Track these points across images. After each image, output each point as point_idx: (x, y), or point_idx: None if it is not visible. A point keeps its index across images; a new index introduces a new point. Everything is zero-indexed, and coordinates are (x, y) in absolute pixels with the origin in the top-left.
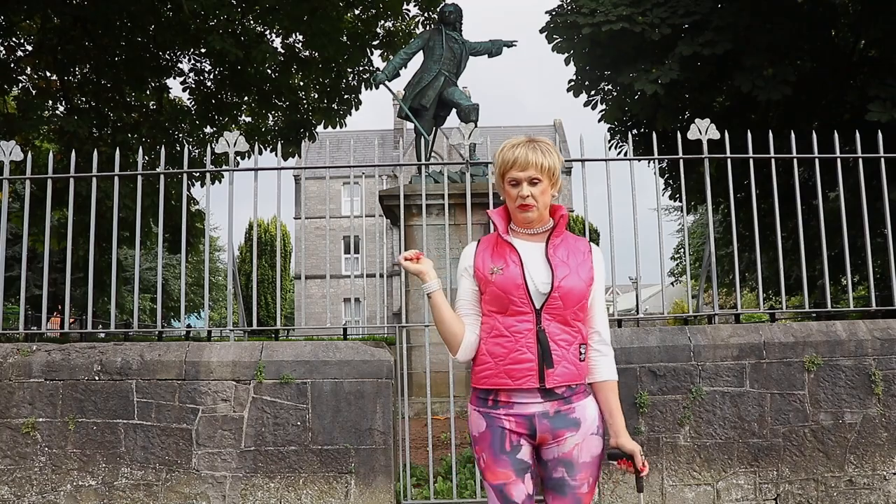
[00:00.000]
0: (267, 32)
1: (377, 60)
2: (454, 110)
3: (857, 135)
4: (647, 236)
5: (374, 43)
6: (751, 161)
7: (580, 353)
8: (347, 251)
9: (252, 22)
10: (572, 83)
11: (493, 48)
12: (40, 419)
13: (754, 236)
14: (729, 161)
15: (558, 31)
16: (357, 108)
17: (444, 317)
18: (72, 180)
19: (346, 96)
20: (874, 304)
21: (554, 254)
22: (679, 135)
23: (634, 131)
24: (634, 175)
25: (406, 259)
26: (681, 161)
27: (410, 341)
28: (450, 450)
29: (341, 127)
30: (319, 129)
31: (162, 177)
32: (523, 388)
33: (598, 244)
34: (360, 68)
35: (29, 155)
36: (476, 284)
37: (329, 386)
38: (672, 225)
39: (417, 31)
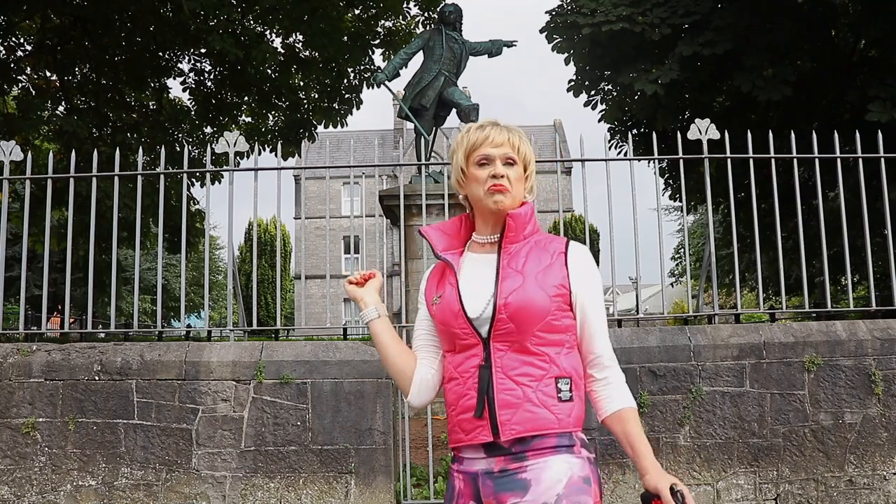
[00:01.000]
0: (267, 32)
1: (378, 59)
2: (454, 110)
3: (857, 135)
4: (647, 236)
5: (375, 42)
6: (751, 161)
7: (558, 391)
8: (347, 251)
9: (252, 22)
10: (572, 83)
11: (493, 48)
12: (40, 419)
13: (754, 236)
14: (729, 161)
15: (558, 31)
16: (358, 108)
17: (385, 351)
18: (72, 180)
19: (346, 96)
20: (874, 304)
21: (507, 264)
22: (679, 135)
23: (634, 131)
24: (634, 175)
25: (349, 283)
26: (681, 161)
27: (411, 341)
28: (449, 450)
29: (342, 126)
30: (320, 128)
31: (162, 177)
32: (474, 442)
33: (598, 244)
34: (361, 67)
35: (29, 155)
36: (431, 315)
37: (329, 386)
38: (672, 225)
39: (418, 31)
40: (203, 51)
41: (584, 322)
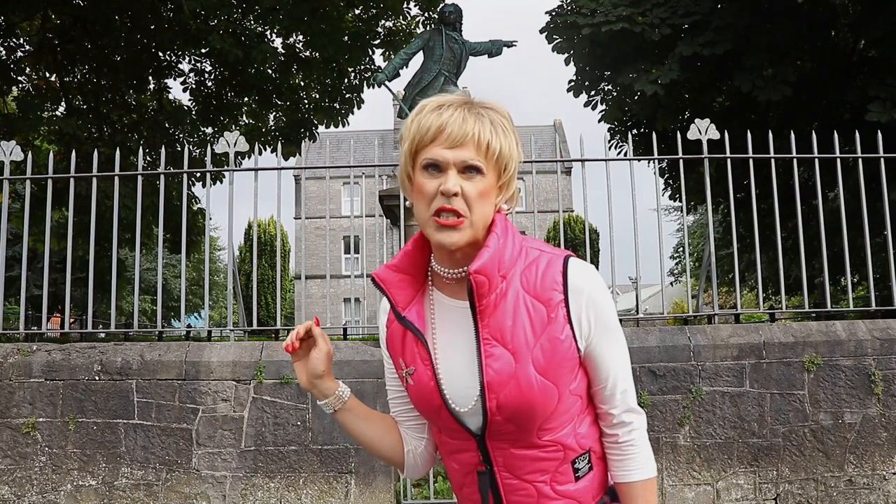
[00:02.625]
0: (267, 32)
1: (378, 59)
2: None
3: (857, 135)
4: (647, 236)
5: (375, 42)
6: (751, 161)
7: (575, 472)
8: (347, 251)
9: (252, 22)
10: (572, 83)
11: (493, 48)
12: (40, 419)
13: (754, 236)
14: (729, 161)
15: (558, 31)
16: (359, 107)
17: (365, 442)
18: (72, 180)
19: (347, 95)
20: (874, 304)
21: (489, 331)
22: (679, 135)
23: (634, 131)
24: (634, 175)
25: (290, 353)
26: (681, 161)
27: None
28: None
29: (343, 126)
30: (321, 128)
31: (162, 177)
32: None
33: (597, 244)
34: (362, 67)
35: (29, 155)
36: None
37: None
38: (672, 225)
39: (418, 31)
40: (203, 51)
41: (600, 376)
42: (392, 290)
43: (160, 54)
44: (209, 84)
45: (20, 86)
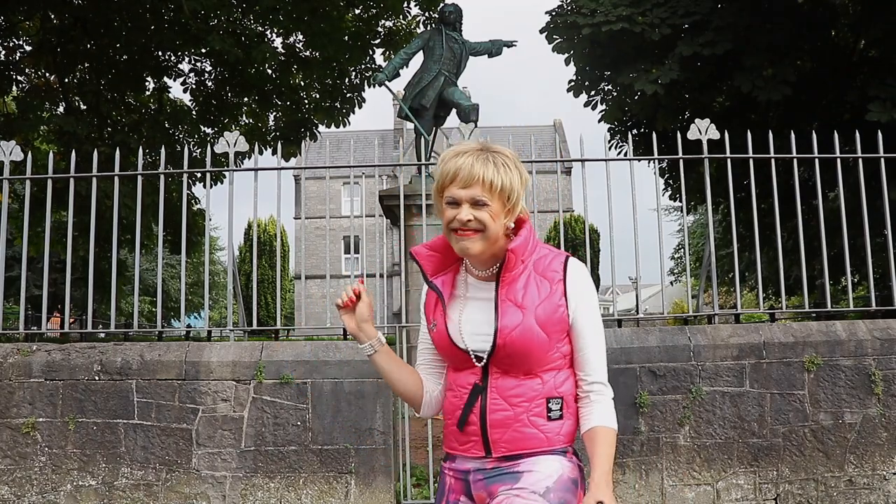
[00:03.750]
0: (267, 32)
1: (379, 59)
2: (454, 110)
3: (857, 135)
4: (647, 236)
5: (376, 42)
6: (751, 161)
7: (548, 410)
8: (347, 251)
9: (252, 22)
10: (572, 83)
11: (493, 48)
12: (40, 419)
13: (754, 236)
14: (729, 161)
15: (558, 31)
16: (360, 107)
17: (392, 380)
18: (72, 180)
19: (348, 95)
20: (874, 304)
21: (507, 293)
22: (679, 135)
23: (634, 131)
24: (634, 175)
25: (341, 308)
26: (681, 161)
27: (410, 341)
28: None
29: (344, 126)
30: (321, 128)
31: (162, 177)
32: (467, 455)
33: (598, 244)
34: (363, 66)
35: (29, 155)
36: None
37: (329, 386)
38: (672, 225)
39: (418, 31)
40: (203, 51)
41: (579, 345)
42: (422, 260)
43: (160, 54)
44: (209, 84)
45: (20, 86)
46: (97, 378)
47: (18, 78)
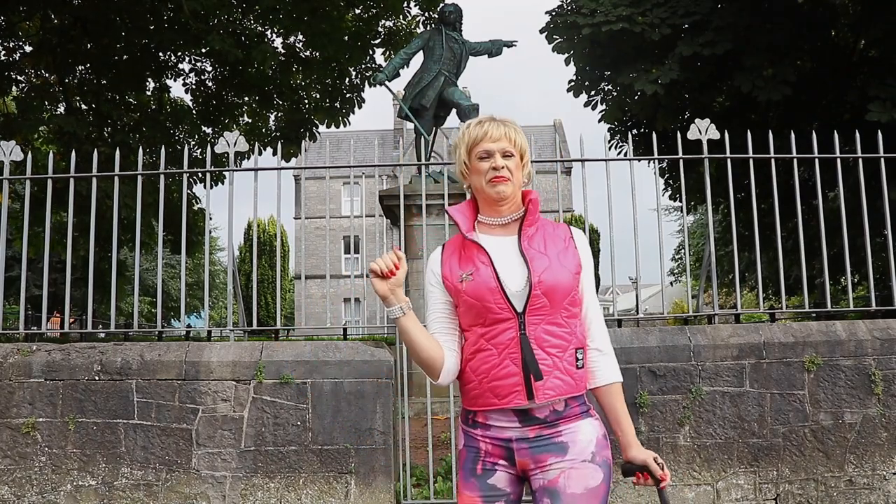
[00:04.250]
0: (267, 32)
1: (379, 58)
2: (454, 110)
3: (857, 135)
4: (647, 236)
5: (376, 42)
6: (751, 161)
7: (577, 360)
8: (347, 251)
9: (252, 22)
10: (572, 83)
11: (493, 48)
12: (40, 419)
13: (754, 236)
14: (729, 161)
15: (558, 31)
16: (360, 107)
17: (416, 343)
18: (72, 180)
19: (348, 95)
20: (874, 304)
21: (529, 245)
22: (679, 135)
23: (634, 131)
24: (634, 175)
25: (375, 274)
26: (681, 161)
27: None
28: (450, 450)
29: (345, 126)
30: (322, 128)
31: (162, 177)
32: (510, 406)
33: (598, 244)
34: (363, 66)
35: (29, 155)
36: (448, 295)
37: (329, 386)
38: (672, 225)
39: (418, 31)
40: (203, 51)
41: (586, 299)
42: (457, 217)
43: (160, 54)
44: (209, 84)
45: (20, 86)
46: (97, 378)
47: (18, 78)
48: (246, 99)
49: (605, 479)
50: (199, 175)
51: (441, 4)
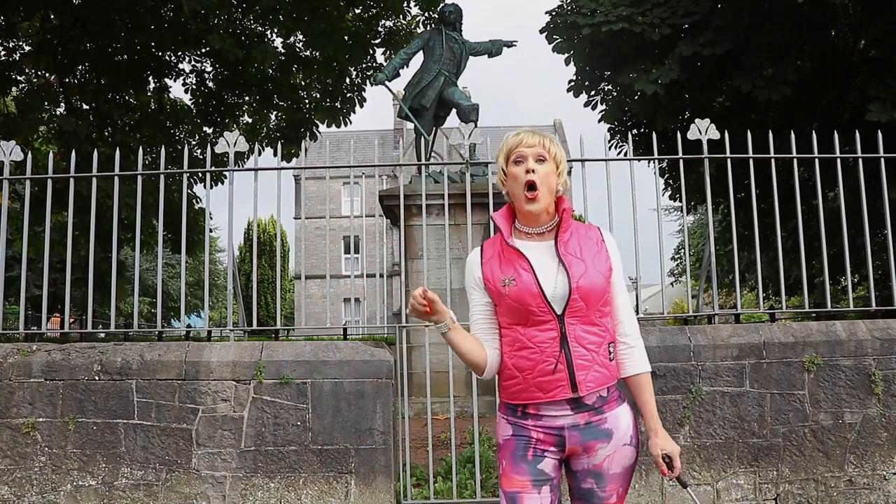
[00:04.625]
0: (267, 32)
1: (380, 57)
2: (454, 110)
3: (857, 135)
4: (647, 236)
5: (376, 42)
6: (751, 161)
7: (609, 353)
8: (347, 251)
9: (252, 22)
10: (572, 83)
11: (493, 48)
12: (40, 419)
13: (754, 236)
14: (729, 161)
15: (558, 31)
16: (362, 106)
17: (463, 351)
18: (72, 180)
19: (349, 94)
20: (874, 304)
21: (566, 251)
22: (679, 135)
23: (634, 131)
24: (634, 175)
25: (419, 309)
26: (681, 161)
27: (410, 341)
28: (450, 450)
29: (346, 125)
30: (322, 128)
31: (162, 177)
32: (555, 399)
33: None
34: (364, 65)
35: (29, 155)
36: (488, 296)
37: (329, 386)
38: (672, 225)
39: (418, 31)
40: (203, 51)
41: (617, 296)
42: (500, 223)
43: (160, 54)
44: (209, 84)
45: (20, 86)
46: (97, 378)
47: (18, 78)
48: (246, 99)
49: (637, 456)
50: (199, 175)
51: (441, 4)
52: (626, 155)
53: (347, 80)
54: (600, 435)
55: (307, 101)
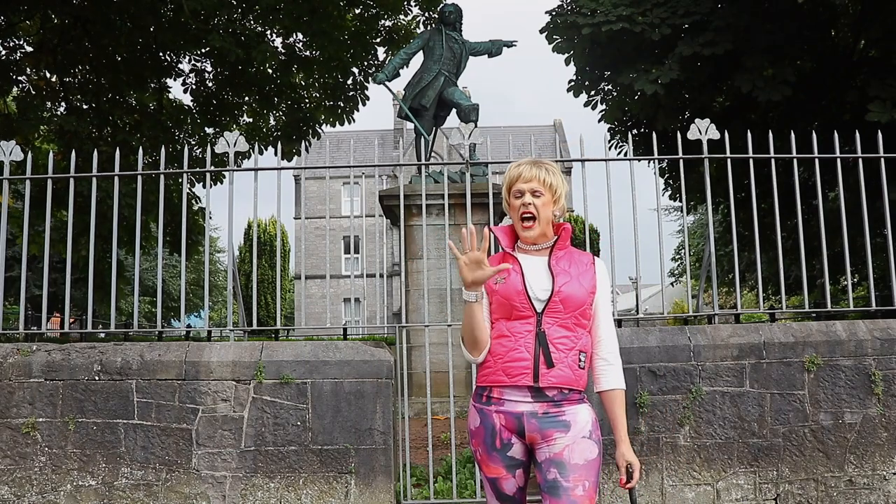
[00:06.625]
0: (267, 32)
1: (382, 55)
2: (454, 110)
3: (857, 135)
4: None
5: (377, 41)
6: (751, 161)
7: (580, 360)
8: (347, 251)
9: (252, 22)
10: (572, 83)
11: (493, 48)
12: (40, 419)
13: (754, 236)
14: (729, 161)
15: (558, 31)
16: (364, 104)
17: (476, 322)
18: (72, 180)
19: (351, 93)
20: (874, 304)
21: (556, 264)
22: (679, 135)
23: (634, 131)
24: (634, 175)
25: (477, 257)
26: (681, 161)
27: (410, 341)
28: (450, 450)
29: (349, 123)
30: (323, 127)
31: (162, 177)
32: (517, 385)
33: (598, 244)
34: (366, 63)
35: (29, 155)
36: (486, 294)
37: (329, 386)
38: (672, 225)
39: (418, 30)
40: (203, 51)
41: (598, 316)
42: (500, 236)
43: (160, 54)
44: (209, 84)
45: (20, 86)
46: (97, 378)
47: (18, 78)
48: (246, 99)
49: (599, 454)
50: (200, 175)
51: (441, 4)
52: (626, 155)
53: (350, 78)
54: (558, 425)
55: (307, 100)
